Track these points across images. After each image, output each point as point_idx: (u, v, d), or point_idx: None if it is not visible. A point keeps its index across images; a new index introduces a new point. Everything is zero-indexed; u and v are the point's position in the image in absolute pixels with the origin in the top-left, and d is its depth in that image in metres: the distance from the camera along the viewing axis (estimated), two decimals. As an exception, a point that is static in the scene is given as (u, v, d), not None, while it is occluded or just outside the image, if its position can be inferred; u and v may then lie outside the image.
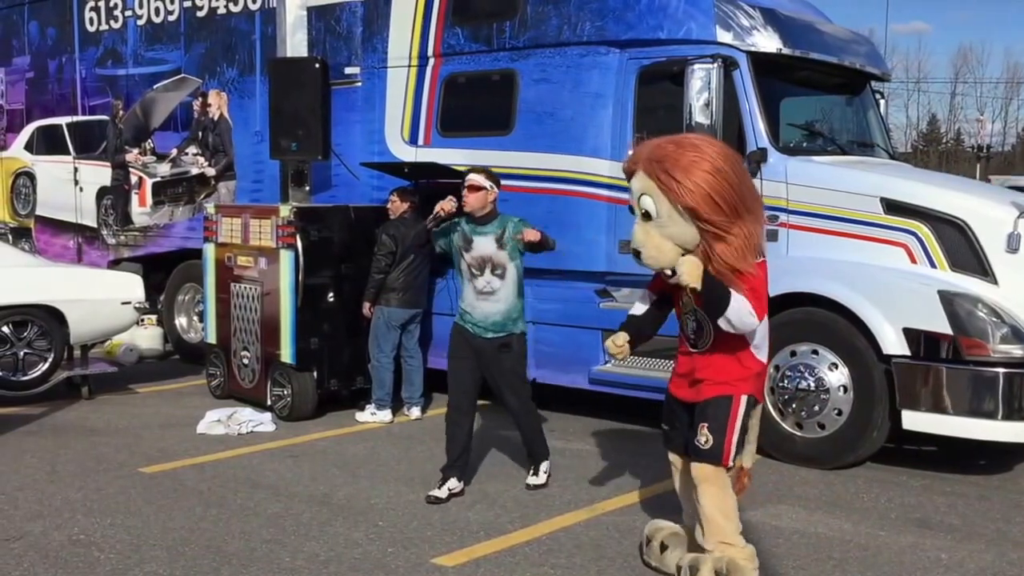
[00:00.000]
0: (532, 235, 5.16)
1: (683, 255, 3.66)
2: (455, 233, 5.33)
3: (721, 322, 3.71)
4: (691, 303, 3.88)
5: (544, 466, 5.55)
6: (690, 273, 3.62)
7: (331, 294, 7.08)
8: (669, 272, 3.71)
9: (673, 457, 4.18)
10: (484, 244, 5.21)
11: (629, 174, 3.79)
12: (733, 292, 3.65)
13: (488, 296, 5.21)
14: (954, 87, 51.54)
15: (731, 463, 3.90)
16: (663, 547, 4.19)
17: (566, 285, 6.87)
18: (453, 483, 5.30)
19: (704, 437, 3.86)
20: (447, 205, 5.26)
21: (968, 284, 5.64)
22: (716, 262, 3.63)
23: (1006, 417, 5.46)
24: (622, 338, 3.99)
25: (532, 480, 5.50)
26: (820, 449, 5.90)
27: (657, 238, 3.67)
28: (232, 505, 5.12)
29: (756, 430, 4.13)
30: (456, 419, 5.33)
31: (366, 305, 6.95)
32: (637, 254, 3.74)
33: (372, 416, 6.99)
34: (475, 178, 5.24)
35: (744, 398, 3.90)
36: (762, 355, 3.97)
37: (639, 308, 4.16)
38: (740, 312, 3.66)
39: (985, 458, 6.11)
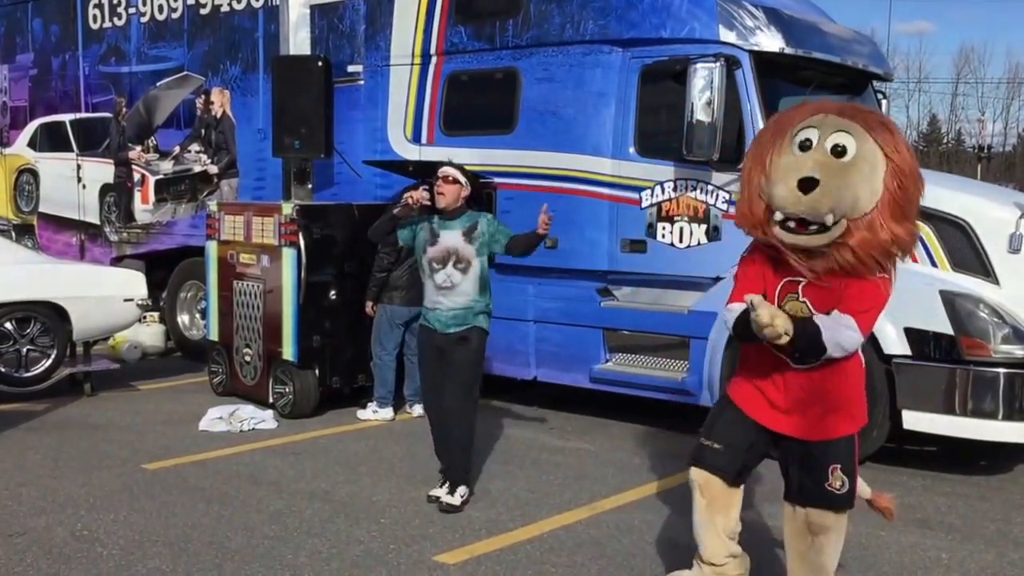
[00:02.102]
0: (544, 223, 4.92)
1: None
2: (421, 229, 5.19)
3: (831, 351, 3.22)
4: (806, 307, 3.29)
5: (462, 489, 5.07)
6: (781, 328, 3.09)
7: (333, 292, 7.10)
8: (829, 220, 3.13)
9: (708, 479, 3.55)
10: (450, 237, 5.09)
11: (803, 117, 3.27)
12: (818, 317, 3.21)
13: (447, 291, 5.05)
14: (955, 87, 51.53)
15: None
16: None
17: (568, 284, 6.88)
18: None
19: (840, 481, 3.36)
20: (417, 195, 5.14)
21: (970, 284, 5.65)
22: (895, 235, 3.16)
23: (1007, 417, 5.48)
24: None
25: (447, 499, 5.04)
26: (821, 448, 5.90)
27: (845, 176, 3.12)
28: (234, 502, 5.13)
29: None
30: (434, 424, 5.27)
31: (368, 304, 6.96)
32: (811, 184, 3.13)
33: (374, 414, 7.00)
34: (450, 171, 5.16)
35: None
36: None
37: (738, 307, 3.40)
38: (839, 340, 3.18)
39: (986, 458, 6.12)
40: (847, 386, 3.38)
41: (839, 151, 3.17)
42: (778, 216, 3.24)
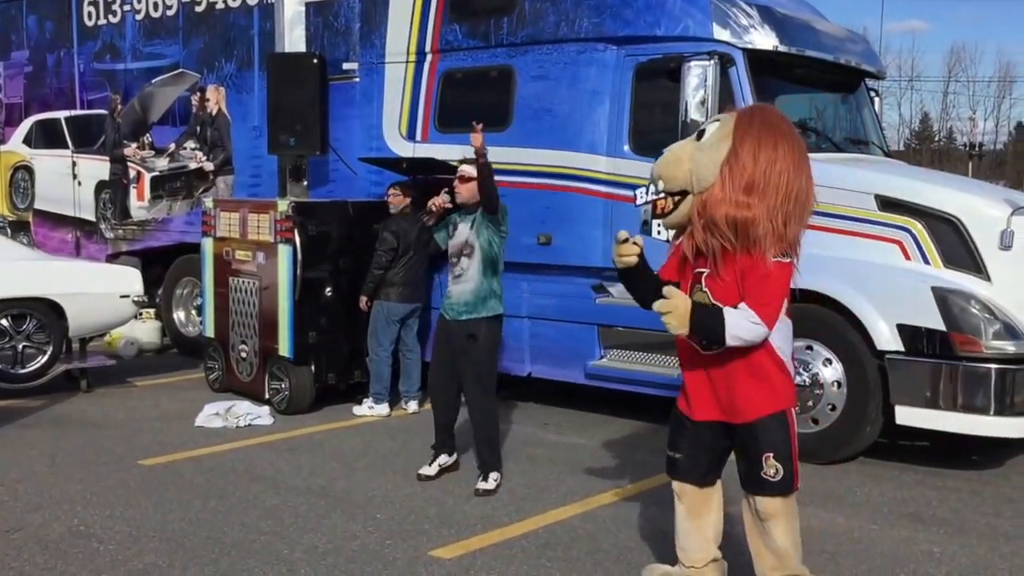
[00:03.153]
0: (476, 139, 5.14)
1: (685, 196, 3.37)
2: (446, 226, 5.49)
3: (730, 342, 3.30)
4: (707, 297, 3.40)
5: (494, 475, 5.33)
6: (678, 319, 3.25)
7: (329, 288, 7.11)
8: (660, 186, 3.46)
9: (682, 487, 3.65)
10: (463, 231, 5.38)
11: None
12: (725, 310, 3.29)
13: (460, 278, 5.36)
14: (947, 86, 51.63)
15: (799, 486, 3.48)
16: None
17: (563, 280, 6.91)
18: (443, 458, 5.49)
19: (773, 468, 3.38)
20: (439, 200, 5.37)
21: (961, 281, 5.68)
22: (729, 202, 3.26)
23: (998, 413, 5.51)
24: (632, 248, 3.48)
25: (482, 485, 5.29)
26: (814, 444, 5.93)
27: (687, 152, 3.40)
28: (230, 497, 5.15)
29: None
30: (435, 404, 5.59)
31: (363, 299, 6.98)
32: (657, 177, 3.50)
33: (369, 410, 7.03)
34: (467, 169, 5.37)
35: (794, 410, 3.48)
36: (790, 360, 3.54)
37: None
38: (739, 330, 3.26)
39: (977, 453, 6.16)
40: (751, 365, 3.38)
41: (699, 134, 3.46)
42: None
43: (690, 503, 3.64)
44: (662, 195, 3.49)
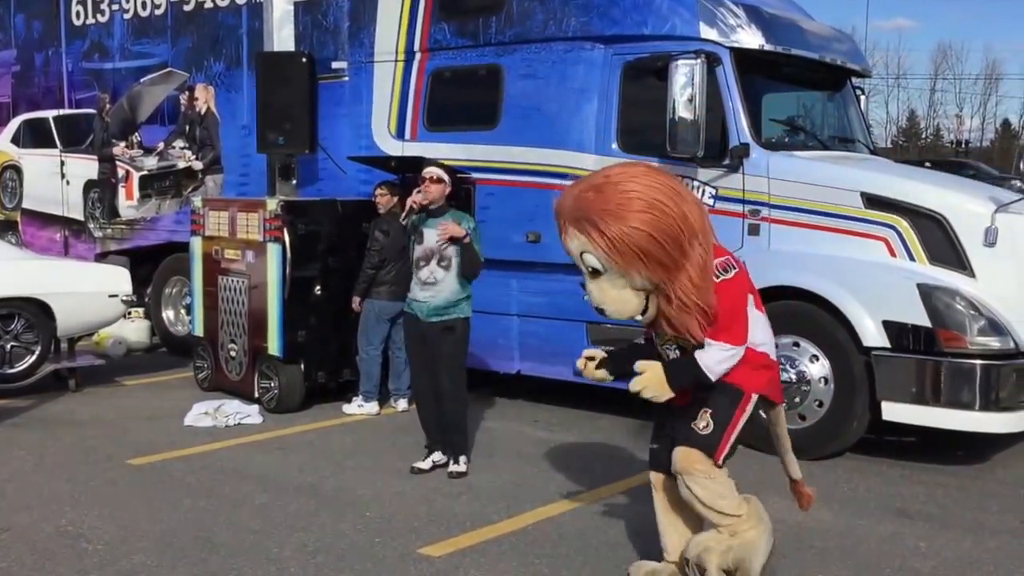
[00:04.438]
0: (455, 230, 5.28)
1: (646, 297, 3.41)
2: (412, 227, 5.55)
3: (717, 378, 3.48)
4: (668, 335, 3.53)
5: (464, 457, 5.59)
6: (655, 389, 3.43)
7: (318, 287, 7.12)
8: (639, 317, 3.49)
9: (658, 477, 3.79)
10: (433, 236, 5.41)
11: (560, 231, 3.45)
12: (696, 354, 3.43)
13: (430, 286, 5.42)
14: (933, 83, 51.88)
15: (721, 463, 3.58)
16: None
17: (551, 278, 6.92)
18: (437, 456, 5.59)
19: (705, 422, 3.51)
20: (418, 198, 5.42)
21: (946, 277, 5.73)
22: (677, 303, 3.33)
23: (983, 408, 5.55)
24: (592, 353, 3.77)
25: (453, 468, 5.53)
26: (801, 440, 5.90)
27: (613, 291, 3.40)
28: (220, 496, 5.15)
29: (788, 438, 3.88)
30: (421, 404, 5.70)
31: (356, 299, 6.98)
32: (601, 311, 3.48)
33: (359, 408, 7.03)
34: (436, 171, 5.46)
35: (755, 396, 3.59)
36: (766, 350, 3.68)
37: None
38: (716, 363, 3.43)
39: (963, 448, 6.20)
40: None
41: (593, 272, 3.40)
42: None
43: (664, 495, 3.73)
44: None
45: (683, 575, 3.71)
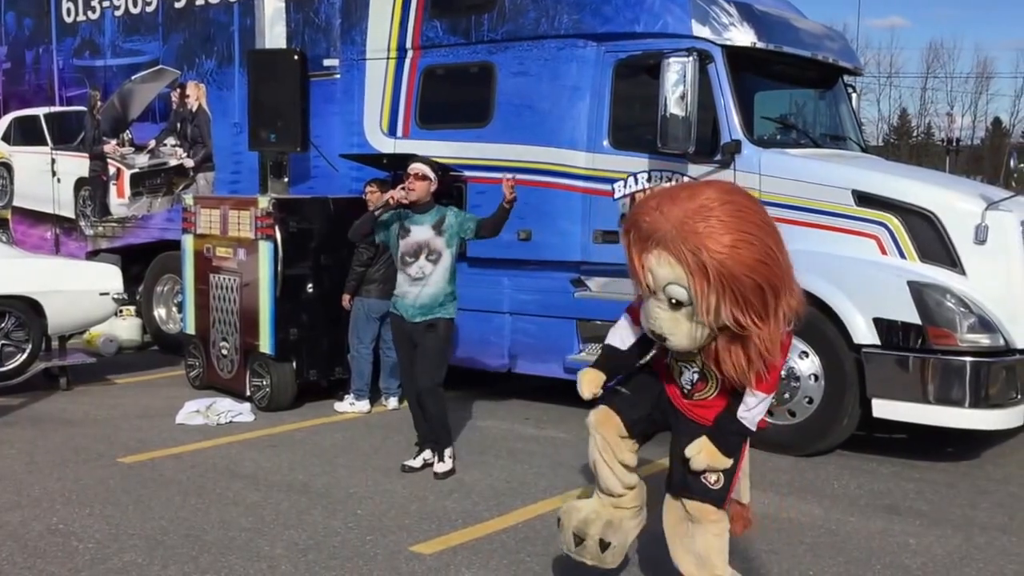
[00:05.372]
0: (510, 188, 5.28)
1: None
2: (394, 223, 5.50)
3: (752, 431, 3.38)
4: (698, 357, 3.32)
5: (448, 451, 5.56)
6: (717, 462, 3.29)
7: (310, 285, 7.11)
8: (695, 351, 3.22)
9: (606, 415, 3.61)
10: (421, 231, 5.40)
11: (639, 249, 3.17)
12: (739, 414, 3.30)
13: (418, 281, 5.39)
14: (925, 82, 52.07)
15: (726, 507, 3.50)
16: (604, 545, 3.62)
17: (542, 275, 6.93)
18: (428, 454, 5.60)
19: (716, 476, 3.38)
20: (398, 194, 5.39)
21: (937, 275, 5.75)
22: (756, 353, 3.12)
23: (973, 405, 5.58)
24: (597, 382, 3.56)
25: (439, 468, 5.49)
26: (792, 437, 6.00)
27: (688, 325, 3.14)
28: (211, 494, 5.14)
29: (747, 460, 3.76)
30: (411, 404, 5.69)
31: (346, 297, 6.98)
32: (662, 338, 3.23)
33: (350, 406, 7.03)
34: (421, 168, 5.44)
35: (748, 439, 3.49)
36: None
37: (619, 338, 3.59)
38: (757, 415, 3.33)
39: (953, 445, 6.23)
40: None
41: (675, 304, 3.14)
42: None
43: (605, 437, 3.58)
44: (641, 189, 3.42)
45: None
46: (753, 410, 3.33)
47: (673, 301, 3.13)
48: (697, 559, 3.44)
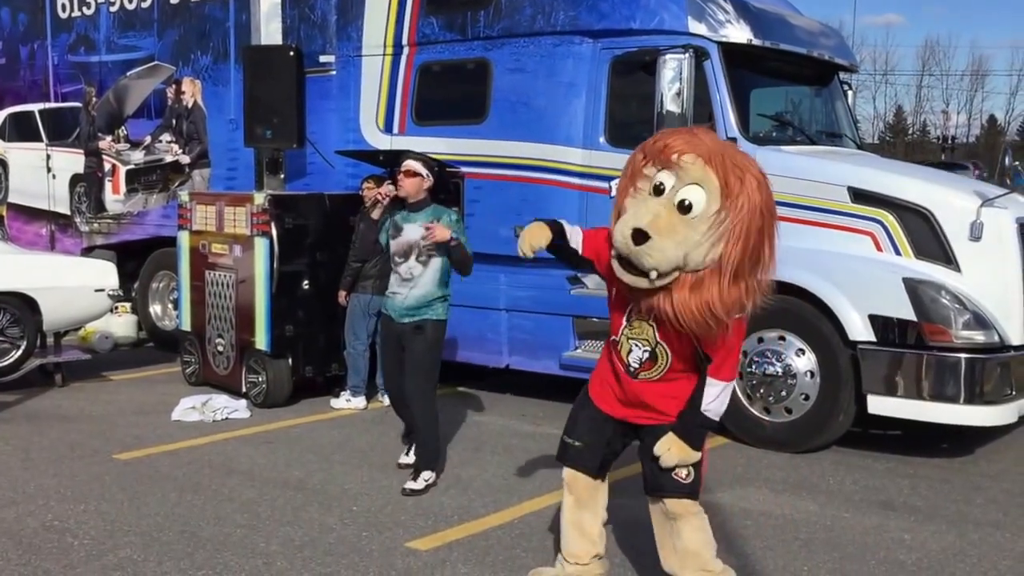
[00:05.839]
0: (442, 233, 4.95)
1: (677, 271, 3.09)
2: (388, 222, 5.36)
3: (716, 424, 3.40)
4: (652, 332, 3.30)
5: (426, 475, 5.19)
6: (687, 457, 3.32)
7: (306, 281, 7.10)
8: (653, 276, 3.08)
9: (575, 476, 3.63)
10: (413, 230, 5.15)
11: (667, 157, 3.10)
12: (703, 406, 3.30)
13: (408, 282, 5.16)
14: (920, 79, 52.21)
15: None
16: None
17: (538, 272, 6.93)
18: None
19: (686, 471, 3.38)
20: (385, 190, 5.31)
21: (932, 272, 5.76)
22: (714, 301, 3.05)
23: (968, 401, 5.59)
24: (540, 237, 3.39)
25: (410, 485, 5.15)
26: (787, 433, 6.01)
27: (684, 234, 3.02)
28: (207, 491, 5.14)
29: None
30: (397, 408, 5.51)
31: (342, 293, 6.98)
32: (643, 237, 3.04)
33: (347, 402, 7.03)
34: (412, 164, 5.20)
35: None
36: None
37: (573, 231, 3.50)
38: (721, 405, 3.32)
39: (947, 441, 6.24)
40: (680, 392, 3.41)
41: (686, 207, 3.05)
42: (613, 251, 3.21)
43: (578, 494, 3.65)
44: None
45: None
46: (716, 400, 3.33)
47: (685, 203, 3.03)
48: (685, 556, 3.47)
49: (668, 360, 3.34)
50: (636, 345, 3.37)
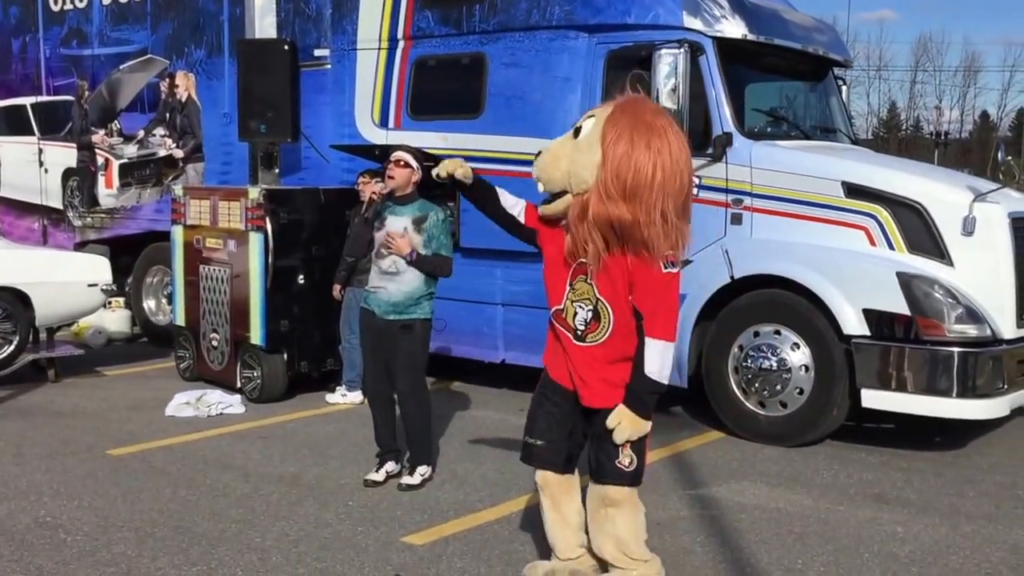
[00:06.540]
0: (400, 248, 4.89)
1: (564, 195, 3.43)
2: (376, 214, 5.24)
3: (664, 388, 3.44)
4: (592, 290, 3.45)
5: (422, 469, 5.17)
6: (639, 428, 3.40)
7: (301, 276, 7.09)
8: (540, 189, 3.51)
9: (544, 476, 3.66)
10: (396, 223, 5.03)
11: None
12: (646, 368, 3.36)
13: (392, 276, 5.01)
14: (914, 75, 52.33)
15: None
16: None
17: (535, 267, 6.87)
18: (391, 466, 5.26)
19: (628, 458, 3.44)
20: (377, 188, 5.28)
21: (925, 266, 5.78)
22: (598, 212, 3.28)
23: (960, 395, 5.62)
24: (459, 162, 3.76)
25: (407, 479, 5.13)
26: (782, 427, 6.03)
27: (567, 151, 3.41)
28: (201, 486, 5.13)
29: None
30: (376, 406, 5.29)
31: (336, 288, 6.97)
32: (537, 156, 3.56)
33: (342, 398, 7.02)
34: (402, 155, 5.12)
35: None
36: None
37: (507, 197, 3.83)
38: (664, 367, 3.38)
39: (940, 435, 6.27)
40: (629, 361, 3.46)
41: (576, 131, 3.44)
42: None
43: (551, 492, 3.69)
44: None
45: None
46: (658, 362, 3.38)
47: (578, 128, 3.42)
48: (616, 542, 3.55)
49: (611, 319, 3.42)
50: (580, 307, 3.49)
